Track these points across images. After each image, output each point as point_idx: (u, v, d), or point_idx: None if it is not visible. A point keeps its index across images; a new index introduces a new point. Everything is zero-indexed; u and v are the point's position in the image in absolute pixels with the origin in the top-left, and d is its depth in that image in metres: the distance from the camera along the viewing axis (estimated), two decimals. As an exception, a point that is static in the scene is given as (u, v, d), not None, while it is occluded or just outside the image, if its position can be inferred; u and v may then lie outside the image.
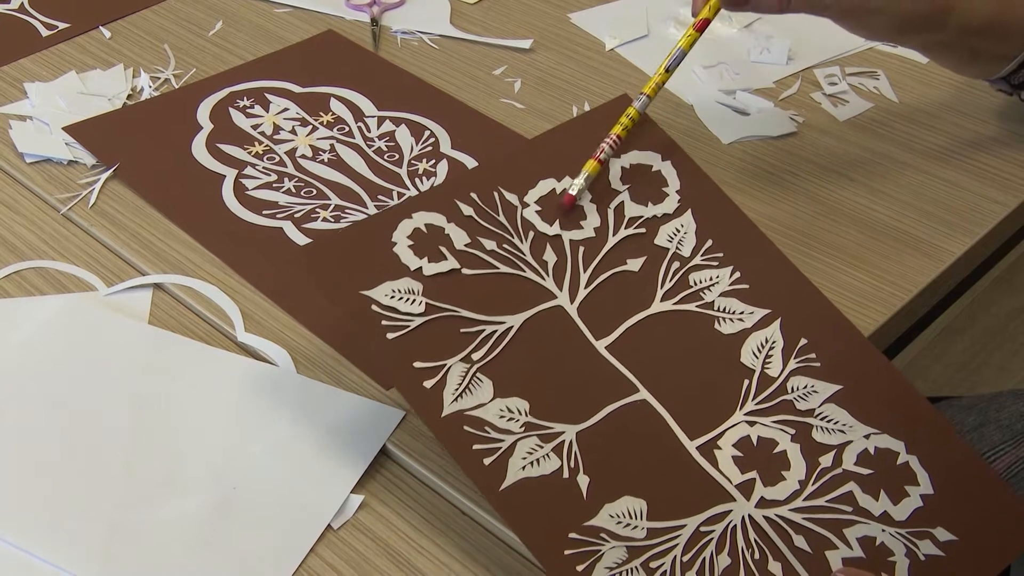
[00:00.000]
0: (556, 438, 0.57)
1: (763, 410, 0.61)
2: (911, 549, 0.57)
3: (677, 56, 0.67)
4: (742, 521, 0.56)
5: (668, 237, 0.66)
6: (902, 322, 0.74)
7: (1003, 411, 0.79)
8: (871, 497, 0.58)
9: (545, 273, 0.63)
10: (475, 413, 0.57)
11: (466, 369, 0.58)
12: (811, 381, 0.62)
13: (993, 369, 1.83)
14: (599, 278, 0.63)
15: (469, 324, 0.59)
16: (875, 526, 0.57)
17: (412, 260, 0.60)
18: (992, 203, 0.81)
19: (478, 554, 0.59)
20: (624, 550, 0.54)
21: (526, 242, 0.63)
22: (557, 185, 0.66)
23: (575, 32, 0.99)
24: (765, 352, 0.63)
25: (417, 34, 0.98)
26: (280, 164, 0.82)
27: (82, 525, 0.58)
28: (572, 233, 0.64)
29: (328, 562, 0.58)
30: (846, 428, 0.61)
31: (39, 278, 0.73)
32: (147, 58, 0.94)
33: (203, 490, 0.60)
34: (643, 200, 0.67)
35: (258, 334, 0.69)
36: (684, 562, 0.54)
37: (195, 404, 0.64)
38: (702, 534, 0.56)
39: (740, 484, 0.58)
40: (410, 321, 0.58)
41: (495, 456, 0.55)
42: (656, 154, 0.69)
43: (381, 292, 0.59)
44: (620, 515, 0.55)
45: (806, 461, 0.59)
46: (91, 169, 0.81)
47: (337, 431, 0.63)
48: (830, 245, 0.77)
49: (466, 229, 0.63)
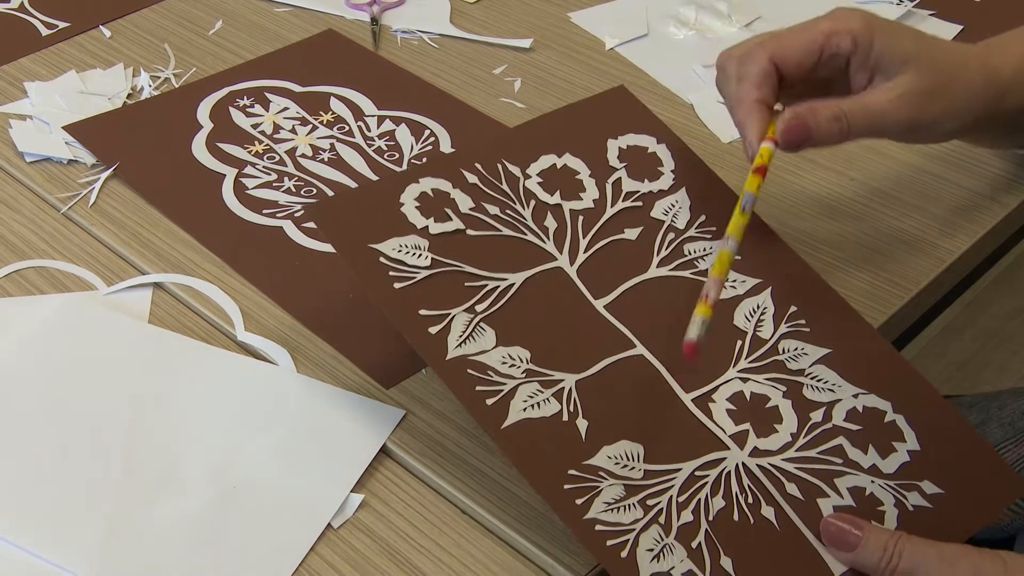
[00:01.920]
0: (556, 384, 0.59)
1: (755, 368, 0.63)
2: (899, 500, 0.59)
3: (748, 199, 0.63)
4: (736, 468, 0.58)
5: (664, 211, 0.68)
6: (902, 321, 0.74)
7: (1005, 409, 0.79)
8: (860, 451, 0.60)
9: (546, 237, 0.65)
10: (478, 358, 0.59)
11: (470, 319, 0.60)
12: (801, 344, 0.64)
13: (993, 368, 1.83)
14: (597, 244, 0.66)
15: (473, 279, 0.62)
16: (864, 477, 0.59)
17: (419, 219, 0.63)
18: (992, 202, 0.81)
19: (478, 553, 0.59)
20: (622, 487, 0.56)
21: (528, 209, 0.66)
22: (557, 161, 0.69)
23: (575, 31, 0.99)
24: (757, 316, 0.65)
25: (417, 33, 0.98)
26: (280, 163, 0.82)
27: (81, 524, 0.58)
28: (572, 203, 0.67)
29: (328, 561, 0.58)
30: (835, 388, 0.63)
31: (39, 277, 0.73)
32: (147, 57, 0.94)
33: (203, 489, 0.60)
34: (639, 177, 0.70)
35: (258, 333, 0.69)
36: (680, 502, 0.56)
37: (195, 403, 0.64)
38: (697, 478, 0.57)
39: (734, 435, 0.59)
40: (416, 273, 0.61)
41: (497, 397, 0.57)
42: (652, 137, 0.72)
43: (389, 246, 0.61)
44: (618, 456, 0.57)
45: (797, 416, 0.61)
46: (91, 168, 0.81)
47: (337, 430, 0.63)
48: (830, 244, 0.77)
49: (470, 195, 0.65)
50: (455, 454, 0.62)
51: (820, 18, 0.68)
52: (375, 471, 0.62)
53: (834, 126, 0.64)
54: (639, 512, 0.55)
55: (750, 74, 0.66)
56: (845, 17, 0.66)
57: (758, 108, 0.65)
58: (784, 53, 0.66)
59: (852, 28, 0.66)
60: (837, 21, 0.66)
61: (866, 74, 0.67)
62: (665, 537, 0.55)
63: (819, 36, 0.66)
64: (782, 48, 0.66)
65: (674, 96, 0.91)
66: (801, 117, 0.64)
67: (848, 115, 0.64)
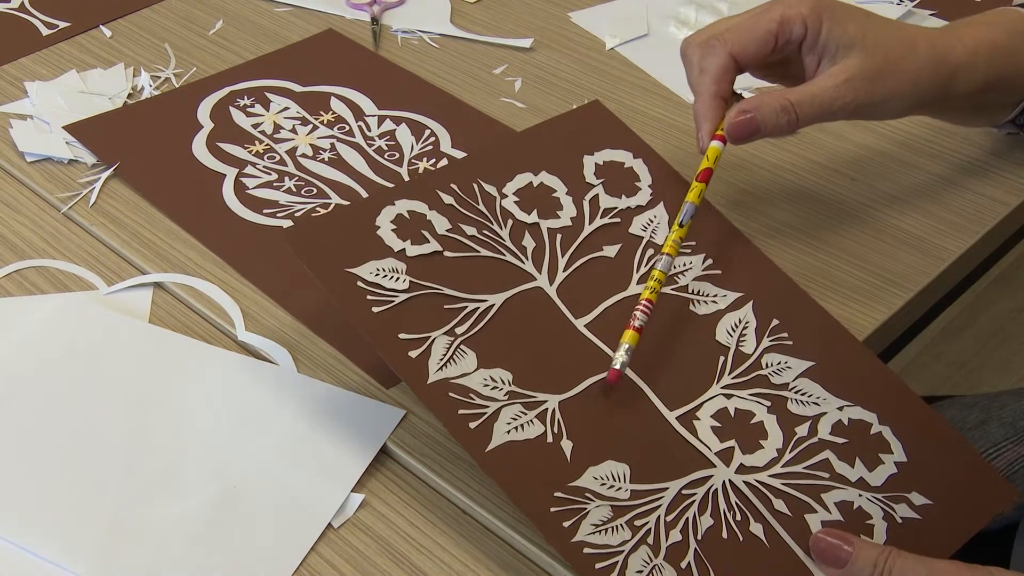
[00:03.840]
0: (539, 406, 0.59)
1: (739, 384, 0.62)
2: (888, 512, 0.59)
3: (688, 211, 0.66)
4: (723, 485, 0.58)
5: (642, 227, 0.68)
6: (902, 321, 0.74)
7: (1005, 409, 0.79)
8: (847, 464, 0.60)
9: (524, 257, 0.65)
10: (460, 381, 0.58)
11: (450, 341, 0.59)
12: (784, 358, 0.64)
13: (993, 368, 1.84)
14: (576, 262, 0.65)
15: (452, 301, 0.61)
16: (852, 491, 0.59)
17: (395, 242, 0.63)
18: (992, 202, 0.81)
19: (479, 553, 0.59)
20: (609, 509, 0.56)
21: (505, 228, 0.65)
22: (533, 179, 0.68)
23: (575, 31, 0.99)
24: (739, 331, 0.65)
25: (417, 33, 0.98)
26: (281, 163, 0.82)
27: (82, 523, 0.58)
28: (550, 222, 0.67)
29: (328, 560, 0.58)
30: (820, 401, 0.62)
31: (39, 277, 0.73)
32: (147, 57, 0.94)
33: (203, 489, 0.60)
34: (617, 193, 0.69)
35: (259, 333, 0.69)
36: (668, 521, 0.56)
37: (195, 403, 0.64)
38: (684, 496, 0.57)
39: (720, 452, 0.59)
40: (395, 297, 0.60)
41: (480, 420, 0.57)
42: (628, 152, 0.72)
43: (366, 270, 0.61)
44: (604, 477, 0.57)
45: (783, 431, 0.61)
46: (91, 168, 0.81)
47: (338, 430, 0.63)
48: (830, 244, 0.77)
49: (447, 216, 0.65)
50: (455, 454, 0.62)
51: (773, 3, 0.70)
52: (375, 471, 0.62)
53: (782, 118, 0.67)
54: (627, 533, 0.55)
55: (710, 68, 0.69)
56: (795, 2, 0.69)
57: (714, 103, 0.69)
58: (742, 47, 0.69)
59: (802, 13, 0.68)
60: (788, 7, 0.69)
61: (815, 57, 0.69)
62: (654, 558, 0.54)
63: (773, 25, 0.69)
64: (740, 43, 0.69)
65: (674, 96, 0.91)
66: (747, 113, 0.67)
67: (796, 105, 0.67)
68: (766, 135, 0.68)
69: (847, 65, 0.67)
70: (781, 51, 0.70)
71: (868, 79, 0.67)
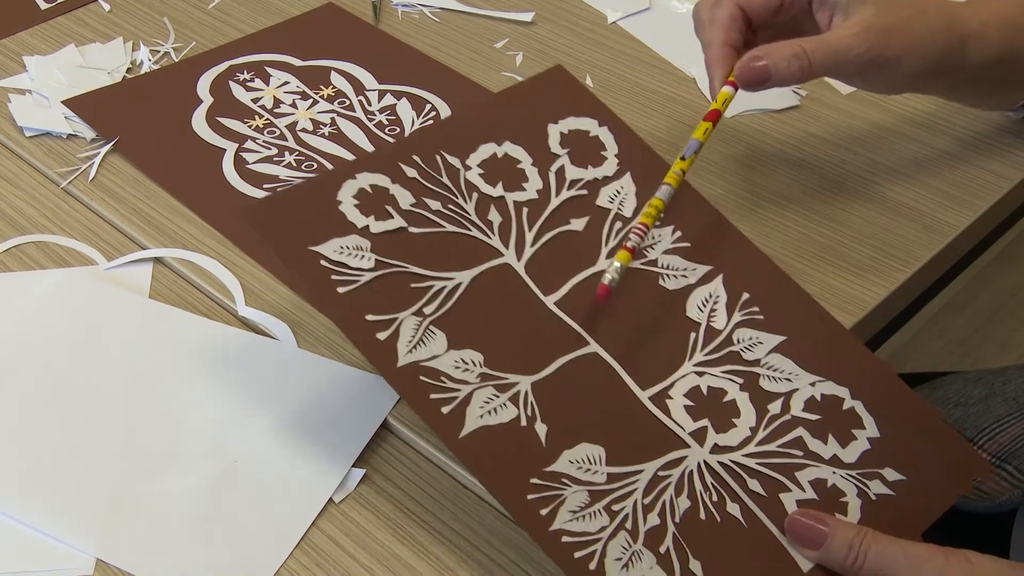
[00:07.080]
0: (511, 388, 0.57)
1: (711, 361, 0.62)
2: (862, 489, 0.58)
3: (692, 146, 0.66)
4: (698, 466, 0.57)
5: (609, 198, 0.67)
6: (903, 297, 0.74)
7: (1009, 384, 0.79)
8: (820, 441, 0.60)
9: (491, 232, 0.63)
10: (430, 364, 0.57)
11: (419, 322, 0.58)
12: (755, 333, 0.63)
13: (994, 345, 1.84)
14: (544, 237, 0.64)
15: (419, 280, 0.60)
16: (826, 469, 0.59)
17: (359, 218, 0.61)
18: (996, 177, 0.80)
19: (480, 527, 0.59)
20: (586, 494, 0.55)
21: (470, 203, 0.64)
22: (497, 149, 0.66)
23: (577, 5, 0.99)
24: (710, 306, 0.64)
25: (418, 7, 0.97)
26: (281, 138, 0.82)
27: (82, 498, 0.58)
28: (515, 195, 0.65)
29: (329, 535, 0.58)
30: (792, 376, 0.62)
31: (39, 252, 0.73)
32: (146, 31, 0.93)
33: (203, 464, 0.60)
34: (583, 163, 0.68)
35: (259, 308, 0.69)
36: (645, 504, 0.55)
37: (196, 378, 0.64)
38: (660, 478, 0.56)
39: (693, 432, 0.59)
40: (360, 276, 0.58)
41: (452, 405, 0.56)
42: (593, 120, 0.70)
43: (329, 248, 0.59)
44: (580, 460, 0.56)
45: (755, 408, 0.60)
46: (91, 143, 0.81)
47: (338, 405, 0.63)
48: (832, 218, 0.76)
49: (410, 190, 0.63)
50: (456, 429, 0.62)
51: None
52: (376, 445, 0.62)
53: (794, 63, 0.67)
54: (605, 519, 0.54)
55: (719, 18, 0.70)
56: None
57: (725, 51, 0.69)
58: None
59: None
60: None
61: (827, 12, 0.69)
62: (633, 544, 0.54)
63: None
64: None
65: (676, 70, 0.90)
66: (759, 59, 0.67)
67: (809, 52, 0.67)
68: (777, 83, 0.67)
69: (861, 17, 0.68)
70: (791, 6, 0.70)
71: (882, 31, 0.67)
